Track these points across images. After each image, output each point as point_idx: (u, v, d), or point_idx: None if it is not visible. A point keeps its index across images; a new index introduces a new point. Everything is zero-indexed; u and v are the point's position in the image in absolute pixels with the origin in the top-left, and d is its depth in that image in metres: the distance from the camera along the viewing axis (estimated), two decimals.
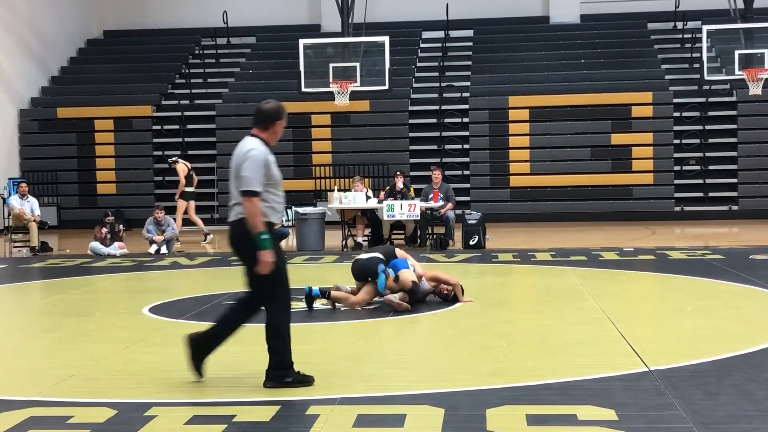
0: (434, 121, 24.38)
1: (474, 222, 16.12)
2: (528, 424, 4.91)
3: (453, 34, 27.58)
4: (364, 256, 9.67)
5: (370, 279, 9.28)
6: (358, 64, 19.62)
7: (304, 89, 20.05)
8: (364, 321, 8.55)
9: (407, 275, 9.10)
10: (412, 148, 24.19)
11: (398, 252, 9.70)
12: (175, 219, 17.33)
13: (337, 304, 9.28)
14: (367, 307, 9.16)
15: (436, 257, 14.59)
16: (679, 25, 26.51)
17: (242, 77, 26.66)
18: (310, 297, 9.20)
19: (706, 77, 21.15)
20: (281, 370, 5.86)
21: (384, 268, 9.08)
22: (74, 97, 25.73)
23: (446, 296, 9.51)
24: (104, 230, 16.36)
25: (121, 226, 17.04)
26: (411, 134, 24.25)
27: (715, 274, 11.43)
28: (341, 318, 8.73)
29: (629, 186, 23.05)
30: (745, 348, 6.80)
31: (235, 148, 6.15)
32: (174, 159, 19.71)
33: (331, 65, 19.64)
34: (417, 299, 9.11)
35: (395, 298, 9.00)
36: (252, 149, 6.02)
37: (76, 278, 12.86)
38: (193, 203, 19.47)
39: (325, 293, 9.30)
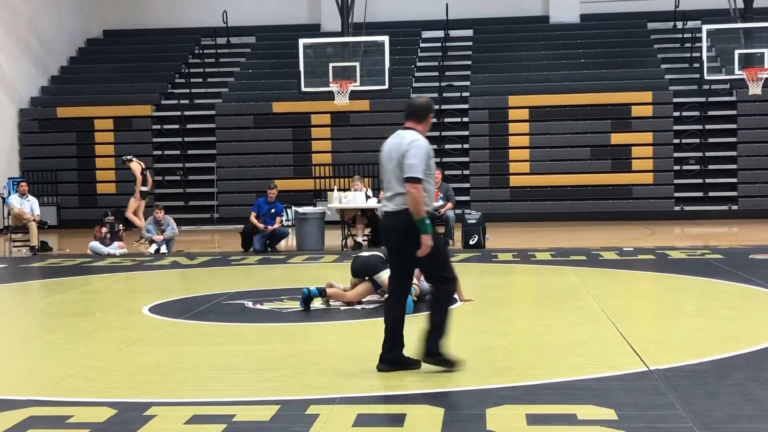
0: (434, 120, 24.33)
1: (474, 222, 16.12)
2: (528, 423, 4.90)
3: (453, 33, 27.60)
4: (365, 253, 9.69)
5: (367, 278, 9.29)
6: (357, 64, 19.61)
7: (303, 89, 20.05)
8: (364, 320, 8.55)
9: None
10: None
11: None
12: (162, 220, 16.92)
13: (331, 301, 9.29)
14: (366, 307, 9.16)
15: None
16: (679, 24, 26.52)
17: (242, 77, 26.67)
18: (309, 298, 9.21)
19: (706, 77, 21.14)
20: (438, 352, 6.17)
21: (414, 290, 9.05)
22: (74, 96, 25.74)
23: None
24: (104, 230, 16.36)
25: (120, 225, 17.03)
26: None
27: (714, 274, 11.42)
28: (340, 318, 8.73)
29: (629, 186, 23.05)
30: (745, 348, 6.80)
31: (389, 141, 6.37)
32: (129, 158, 19.62)
33: (331, 65, 19.63)
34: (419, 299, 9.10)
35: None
36: (416, 139, 6.23)
37: (75, 278, 12.86)
38: (143, 204, 19.34)
39: (322, 292, 9.32)
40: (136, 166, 19.32)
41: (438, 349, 6.19)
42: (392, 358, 6.26)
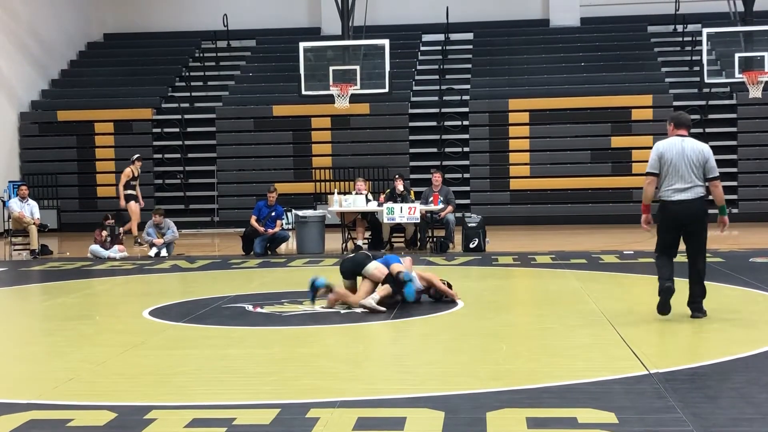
0: (434, 124, 24.39)
1: (474, 225, 16.12)
2: (528, 427, 4.90)
3: (453, 37, 27.62)
4: (349, 255, 9.77)
5: (360, 276, 9.38)
6: (358, 67, 19.62)
7: (304, 92, 20.06)
8: (364, 324, 8.54)
9: (397, 266, 9.23)
10: (412, 151, 24.20)
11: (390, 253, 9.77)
12: (166, 225, 16.91)
13: (334, 301, 9.34)
14: (366, 310, 9.15)
15: (436, 260, 14.60)
16: (679, 28, 26.54)
17: (242, 80, 26.68)
18: (315, 288, 9.38)
19: (706, 80, 21.16)
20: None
21: (410, 276, 9.11)
22: (74, 100, 25.76)
23: (439, 296, 9.60)
24: (104, 233, 16.36)
25: (121, 229, 17.02)
26: (411, 137, 24.26)
27: (715, 277, 11.41)
28: (341, 321, 8.73)
29: (629, 189, 23.05)
30: (745, 351, 6.80)
31: (678, 145, 8.34)
32: (138, 156, 19.41)
33: (331, 68, 19.64)
34: (401, 285, 9.08)
35: (373, 301, 9.03)
36: (706, 145, 8.51)
37: (76, 281, 12.85)
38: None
39: (329, 287, 9.43)
40: (128, 171, 19.01)
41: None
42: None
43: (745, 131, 23.26)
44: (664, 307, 8.30)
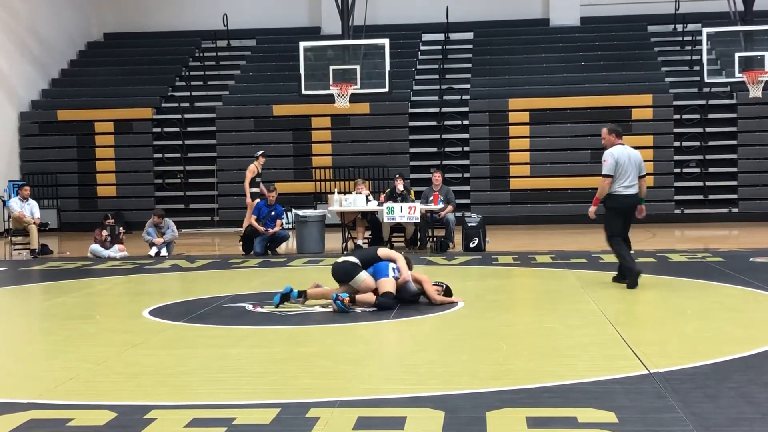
0: (434, 123, 24.39)
1: (474, 224, 16.12)
2: (528, 426, 4.90)
3: (453, 36, 27.63)
4: (339, 259, 9.71)
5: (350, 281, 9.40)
6: (358, 67, 19.62)
7: (304, 92, 20.06)
8: (364, 323, 8.54)
9: (385, 284, 9.17)
10: (412, 150, 24.21)
11: (382, 253, 9.59)
12: (167, 227, 16.73)
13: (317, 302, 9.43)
14: (366, 309, 9.16)
15: (437, 260, 14.60)
16: (679, 27, 26.55)
17: (242, 80, 26.68)
18: (286, 296, 9.42)
19: (706, 80, 21.15)
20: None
21: (336, 296, 9.09)
22: (74, 99, 25.77)
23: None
24: (104, 233, 16.36)
25: (121, 228, 17.02)
26: (411, 137, 24.27)
27: (715, 277, 11.42)
28: (341, 320, 8.73)
29: None
30: (745, 351, 6.80)
31: (626, 152, 10.97)
32: (262, 152, 18.53)
33: (332, 68, 19.64)
34: (384, 308, 9.08)
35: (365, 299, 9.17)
36: (638, 151, 11.03)
37: (76, 281, 12.85)
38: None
39: (302, 294, 9.47)
40: (253, 168, 18.21)
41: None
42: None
43: (745, 131, 23.26)
44: (635, 285, 10.36)
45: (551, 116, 23.80)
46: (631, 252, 11.09)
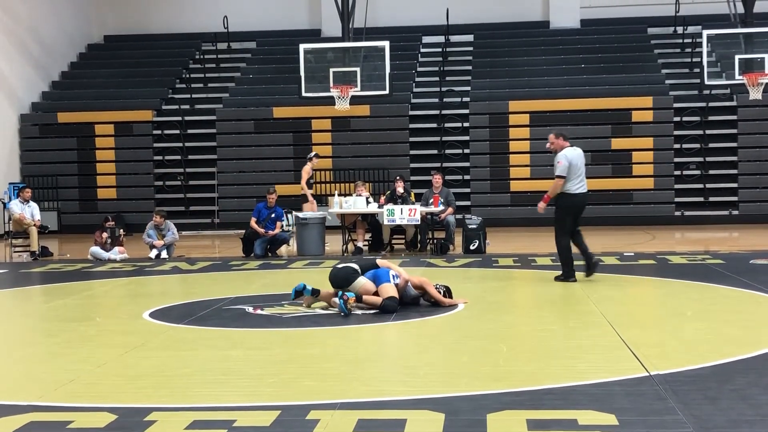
0: (434, 125, 24.39)
1: (474, 227, 16.12)
2: (528, 428, 4.90)
3: (453, 39, 27.63)
4: (339, 265, 9.68)
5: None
6: (358, 69, 19.62)
7: (304, 94, 20.06)
8: (364, 325, 8.55)
9: (388, 289, 9.18)
10: (412, 152, 24.21)
11: (380, 262, 9.69)
12: (168, 228, 16.71)
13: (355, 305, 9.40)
14: (367, 312, 9.16)
15: (437, 262, 14.60)
16: (679, 29, 26.54)
17: (243, 82, 26.68)
18: (300, 293, 9.55)
19: (707, 82, 21.13)
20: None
21: (341, 294, 9.11)
22: (75, 101, 25.77)
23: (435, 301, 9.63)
24: (104, 235, 16.36)
25: (121, 230, 17.02)
26: (411, 139, 24.26)
27: (715, 279, 11.42)
28: (341, 322, 8.73)
29: (629, 191, 23.05)
30: (745, 353, 6.80)
31: (578, 153, 11.37)
32: (315, 153, 18.80)
33: (332, 70, 19.64)
34: (387, 311, 9.08)
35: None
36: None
37: (76, 283, 12.86)
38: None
39: (315, 293, 9.53)
40: (308, 169, 18.38)
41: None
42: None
43: (745, 133, 23.25)
44: (592, 274, 11.45)
45: (551, 118, 23.78)
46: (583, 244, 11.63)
